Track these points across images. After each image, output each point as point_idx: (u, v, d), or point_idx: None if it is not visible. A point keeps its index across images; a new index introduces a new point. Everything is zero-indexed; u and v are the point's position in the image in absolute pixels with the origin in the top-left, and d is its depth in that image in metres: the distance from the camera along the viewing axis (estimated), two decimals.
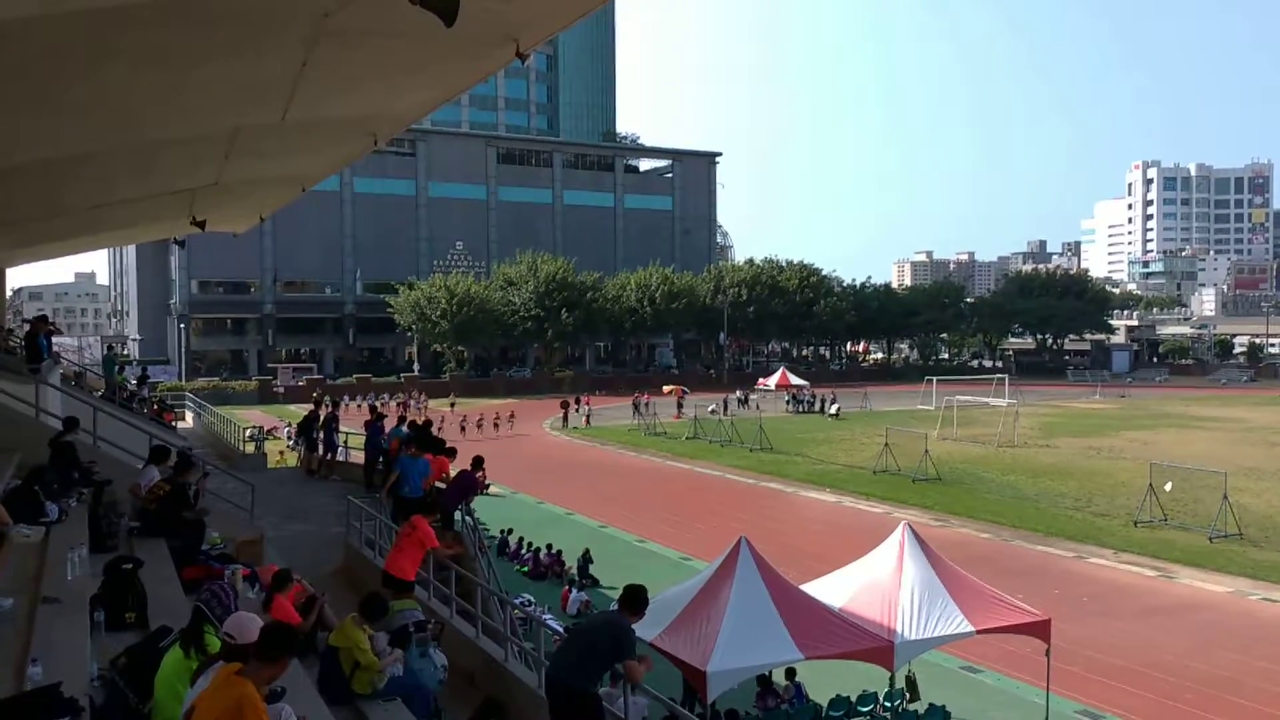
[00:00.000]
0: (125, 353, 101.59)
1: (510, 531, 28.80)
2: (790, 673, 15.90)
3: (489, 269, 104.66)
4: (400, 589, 11.56)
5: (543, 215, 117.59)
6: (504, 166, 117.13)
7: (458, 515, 16.09)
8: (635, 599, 8.10)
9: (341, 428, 27.92)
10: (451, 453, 17.14)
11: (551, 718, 8.00)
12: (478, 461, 16.32)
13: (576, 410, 65.33)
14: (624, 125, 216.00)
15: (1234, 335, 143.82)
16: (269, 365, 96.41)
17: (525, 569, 26.57)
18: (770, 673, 15.77)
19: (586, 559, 26.09)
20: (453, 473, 16.70)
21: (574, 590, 23.19)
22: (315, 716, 7.32)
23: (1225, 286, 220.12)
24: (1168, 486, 33.46)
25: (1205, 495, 32.59)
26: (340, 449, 27.15)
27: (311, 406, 27.63)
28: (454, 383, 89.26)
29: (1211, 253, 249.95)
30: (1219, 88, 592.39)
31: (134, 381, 36.07)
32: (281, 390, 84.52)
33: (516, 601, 17.74)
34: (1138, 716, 16.73)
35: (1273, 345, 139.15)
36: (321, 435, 25.85)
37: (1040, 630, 15.03)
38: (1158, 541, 29.68)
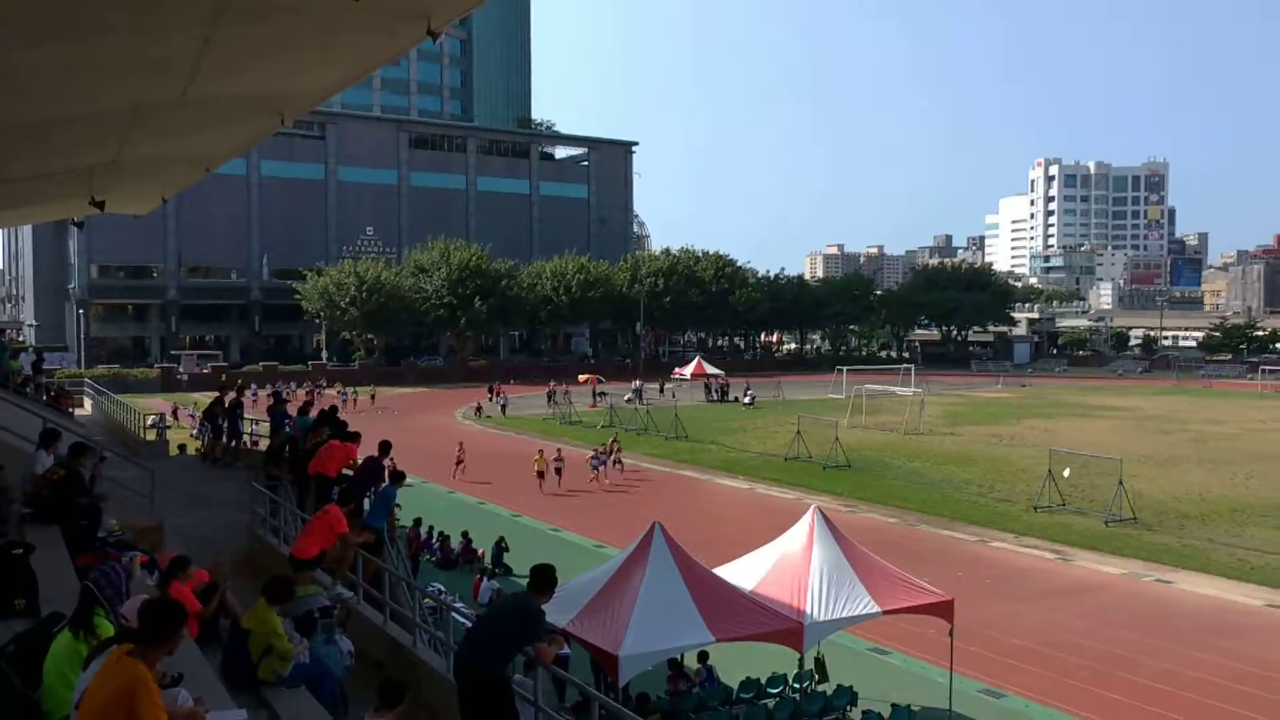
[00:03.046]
0: (20, 339, 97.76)
1: (420, 521, 28.49)
2: (702, 656, 16.02)
3: (400, 255, 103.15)
4: (304, 568, 11.34)
5: (456, 201, 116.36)
6: (416, 151, 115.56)
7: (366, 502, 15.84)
8: (543, 579, 8.06)
9: (247, 414, 27.28)
10: (356, 437, 16.88)
11: (460, 703, 7.92)
12: (385, 447, 16.10)
13: (491, 400, 64.85)
14: (540, 112, 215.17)
15: (1130, 328, 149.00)
16: (172, 352, 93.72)
17: (434, 558, 26.31)
18: (682, 656, 15.89)
19: (502, 547, 25.94)
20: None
21: (485, 579, 23.03)
22: (217, 703, 7.14)
23: (1122, 281, 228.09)
24: (1066, 473, 34.54)
25: (1101, 481, 33.70)
26: (246, 436, 26.55)
27: (217, 393, 26.94)
28: (364, 371, 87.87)
29: (1109, 248, 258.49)
30: (1119, 88, 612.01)
31: (28, 368, 34.71)
32: (185, 378, 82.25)
33: (428, 589, 17.56)
34: (1036, 694, 17.24)
35: (1166, 338, 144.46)
36: (226, 422, 25.23)
37: (944, 611, 15.40)
38: (1056, 526, 30.62)
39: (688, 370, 76.05)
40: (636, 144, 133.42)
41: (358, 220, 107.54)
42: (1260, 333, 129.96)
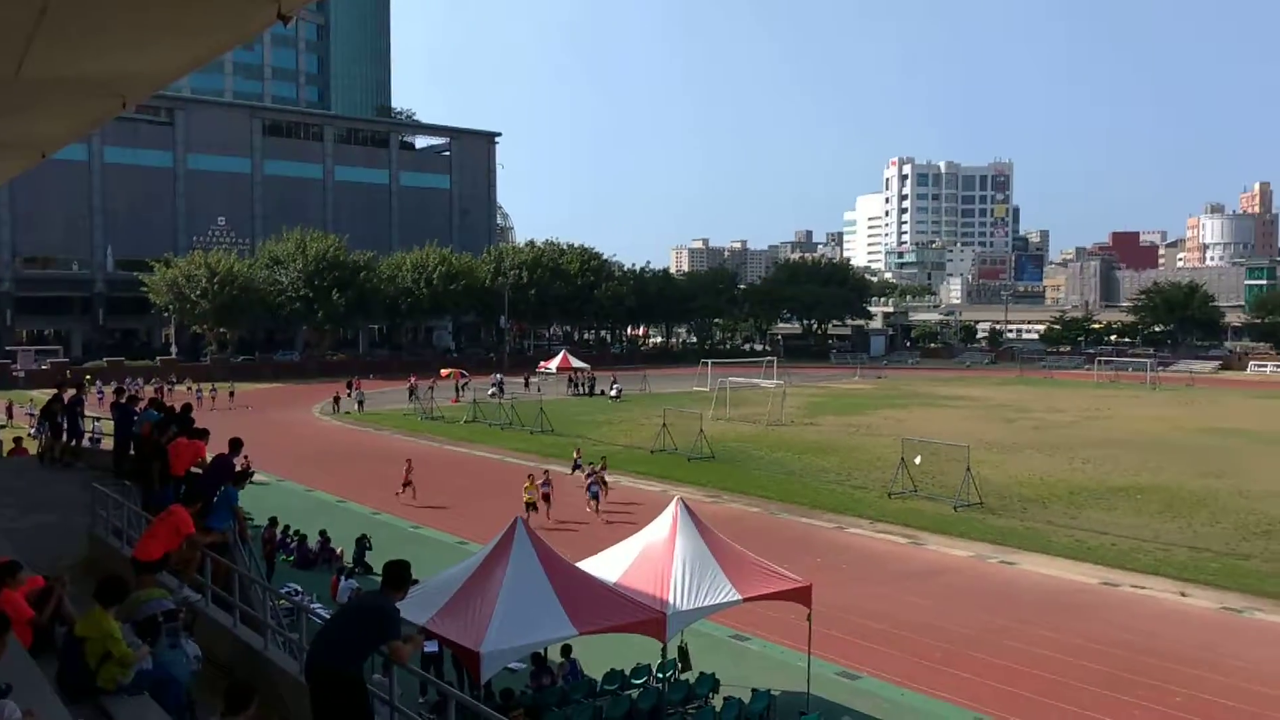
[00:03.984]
0: None
1: (276, 521, 27.61)
2: (565, 650, 16.00)
3: (254, 246, 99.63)
4: (147, 570, 10.84)
5: (312, 191, 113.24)
6: (270, 139, 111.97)
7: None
8: (397, 576, 7.89)
9: (89, 412, 25.93)
10: (204, 435, 16.24)
11: (312, 705, 7.69)
12: (235, 444, 15.53)
13: (349, 395, 63.39)
14: (401, 101, 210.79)
15: (977, 321, 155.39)
16: (7, 348, 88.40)
17: (291, 559, 25.56)
18: (545, 651, 15.83)
19: (364, 545, 25.35)
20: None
21: (344, 578, 22.47)
22: (51, 714, 6.74)
23: (970, 276, 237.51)
24: (917, 460, 35.82)
25: (951, 468, 35.03)
26: (89, 435, 25.23)
27: (55, 389, 25.51)
28: (216, 366, 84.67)
29: (958, 245, 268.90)
30: (969, 90, 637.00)
31: None
32: (21, 374, 77.76)
33: (282, 591, 17.02)
34: (891, 674, 17.82)
35: (1011, 330, 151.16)
36: (66, 420, 23.91)
37: (803, 596, 15.75)
38: (909, 511, 31.72)
39: (553, 364, 75.85)
40: (499, 135, 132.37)
41: (209, 210, 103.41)
42: (1096, 325, 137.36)
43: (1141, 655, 18.87)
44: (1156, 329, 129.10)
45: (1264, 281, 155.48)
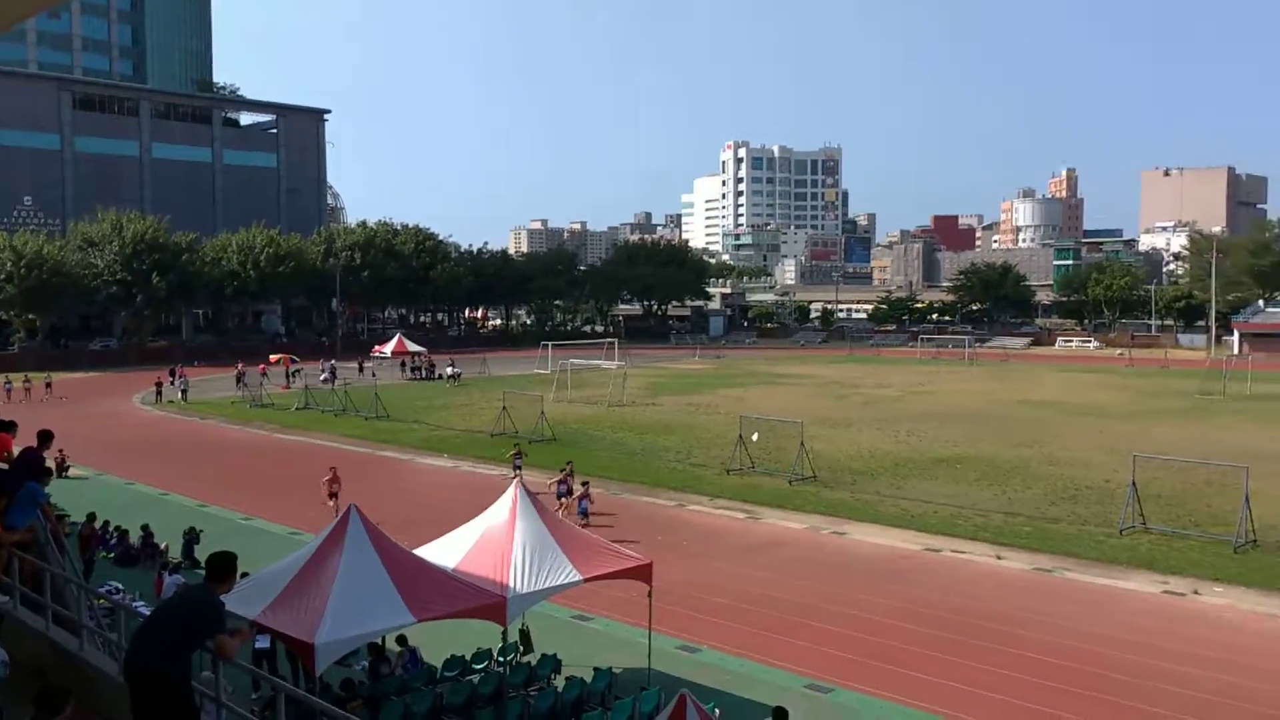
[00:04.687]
0: None
1: (94, 516, 26.14)
2: (402, 639, 15.73)
3: (64, 227, 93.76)
4: None
5: (128, 169, 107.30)
6: (81, 114, 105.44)
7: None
8: (221, 567, 7.54)
9: None
10: (11, 427, 15.18)
11: (133, 706, 7.28)
12: (44, 437, 14.56)
13: (172, 383, 60.51)
14: (225, 76, 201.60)
15: (811, 301, 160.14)
16: None
17: (111, 555, 24.25)
18: (383, 640, 15.52)
19: (193, 538, 24.22)
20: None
21: (169, 574, 21.45)
22: None
23: (803, 258, 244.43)
24: (754, 437, 36.70)
25: (786, 443, 36.02)
26: None
27: None
28: (25, 356, 79.45)
29: (792, 227, 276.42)
30: (801, 76, 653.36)
31: None
32: None
33: (101, 590, 16.12)
34: (731, 646, 18.21)
35: (842, 310, 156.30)
36: None
37: (643, 574, 15.91)
38: (747, 487, 32.47)
39: (388, 348, 74.29)
40: (329, 112, 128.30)
41: (13, 189, 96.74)
42: (920, 305, 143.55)
43: (963, 616, 19.87)
44: (974, 307, 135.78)
45: (1070, 262, 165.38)
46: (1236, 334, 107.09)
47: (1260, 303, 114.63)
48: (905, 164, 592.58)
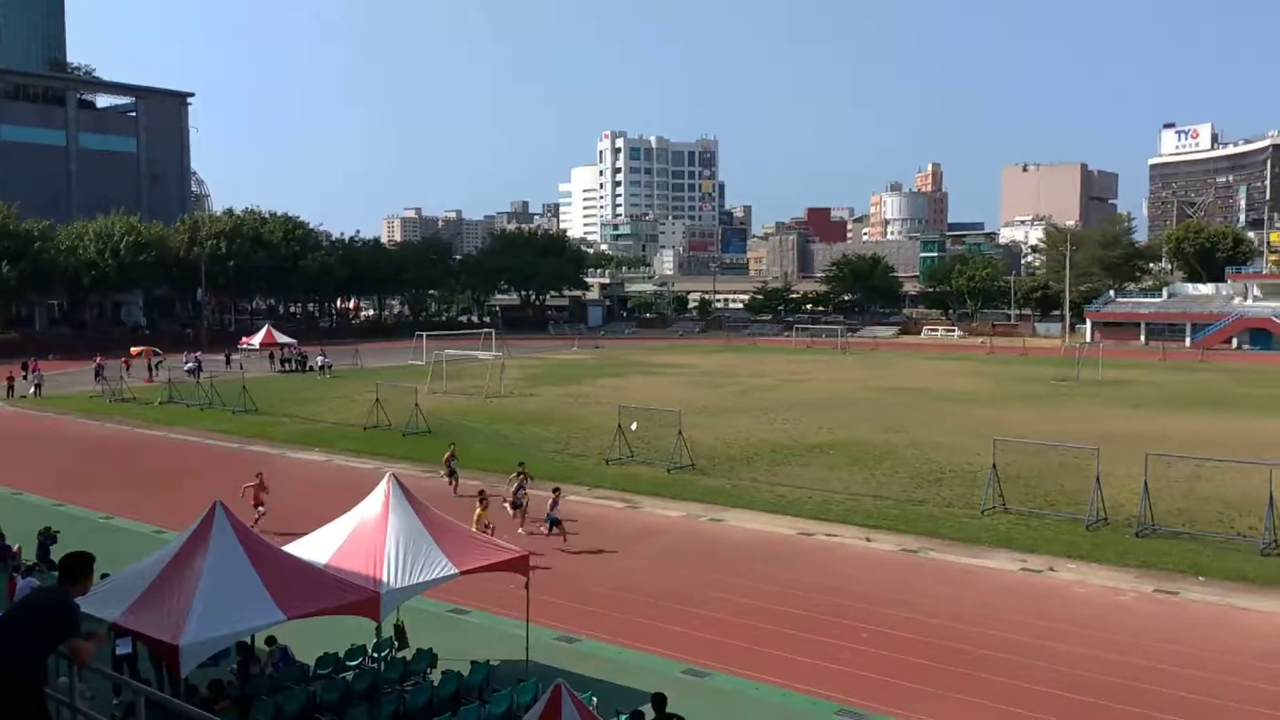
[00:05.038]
0: None
1: None
2: (270, 640, 15.33)
3: None
4: None
5: None
6: None
7: None
8: (75, 568, 7.21)
9: None
10: None
11: None
12: None
13: (25, 378, 57.53)
14: (79, 56, 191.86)
15: (689, 291, 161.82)
16: None
17: None
18: (252, 640, 15.11)
19: (48, 539, 23.03)
20: None
21: (23, 577, 20.39)
22: None
23: (681, 248, 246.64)
24: (633, 426, 36.91)
25: (664, 432, 36.34)
26: None
27: None
28: None
29: (670, 218, 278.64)
30: (678, 67, 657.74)
31: None
32: None
33: None
34: (609, 635, 18.30)
35: (719, 301, 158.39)
36: None
37: (520, 566, 15.84)
38: (626, 476, 32.65)
39: (256, 339, 72.17)
40: (192, 96, 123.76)
41: None
42: (794, 295, 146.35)
43: (835, 597, 20.40)
44: (846, 298, 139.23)
45: (936, 254, 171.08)
46: (1089, 323, 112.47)
47: (1110, 293, 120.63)
48: (780, 157, 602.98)
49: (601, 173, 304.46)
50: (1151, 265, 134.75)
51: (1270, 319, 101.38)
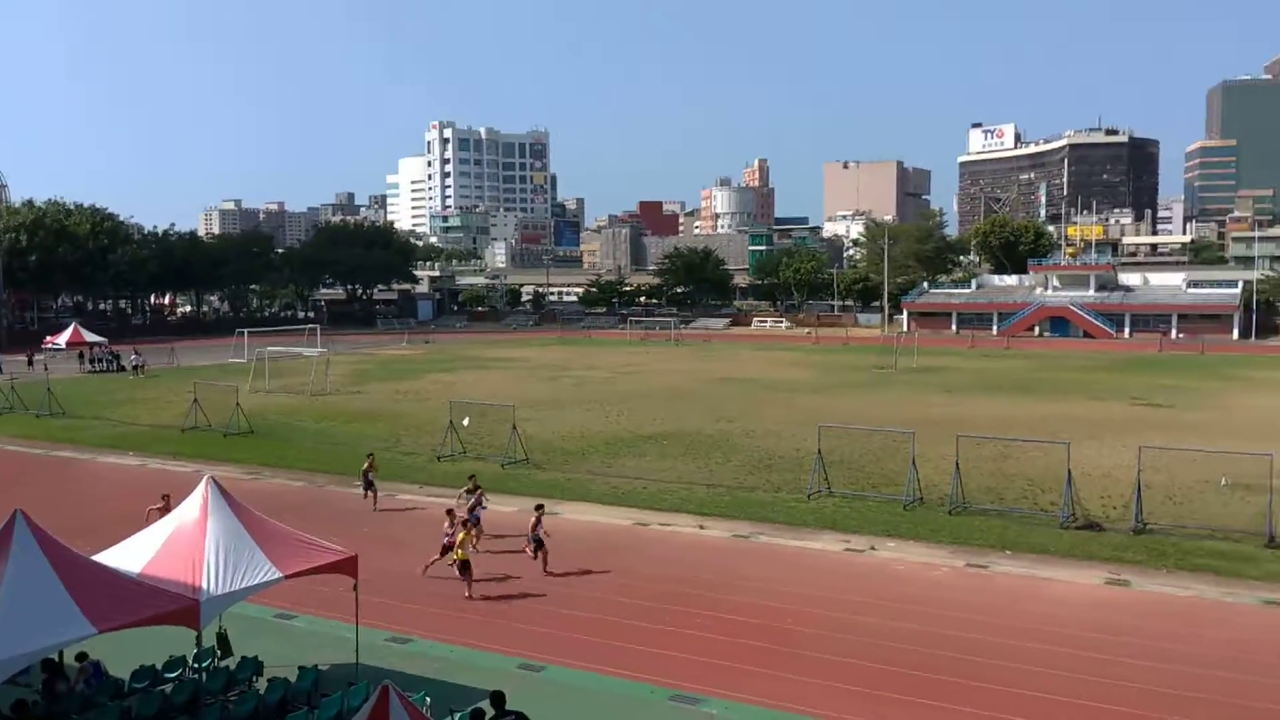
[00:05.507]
0: None
1: None
2: (81, 655, 14.47)
3: None
4: None
5: None
6: None
7: None
8: None
9: None
10: None
11: None
12: None
13: None
14: None
15: (522, 284, 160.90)
16: None
17: None
18: (60, 656, 14.25)
19: None
20: None
21: None
22: None
23: (513, 241, 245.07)
24: (465, 422, 36.51)
25: (498, 427, 36.10)
26: None
27: None
28: None
29: (501, 210, 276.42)
30: (507, 57, 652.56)
31: None
32: None
33: None
34: (443, 633, 18.04)
35: (553, 294, 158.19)
36: None
37: (348, 568, 15.44)
38: (458, 473, 32.09)
39: (63, 338, 68.03)
40: None
41: None
42: (628, 288, 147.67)
43: (671, 585, 20.71)
44: (679, 290, 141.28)
45: (764, 247, 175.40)
46: (906, 313, 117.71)
47: (925, 285, 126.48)
48: (613, 150, 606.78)
49: (430, 164, 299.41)
50: (962, 258, 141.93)
51: (1068, 308, 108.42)
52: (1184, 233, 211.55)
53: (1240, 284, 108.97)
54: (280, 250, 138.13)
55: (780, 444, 36.65)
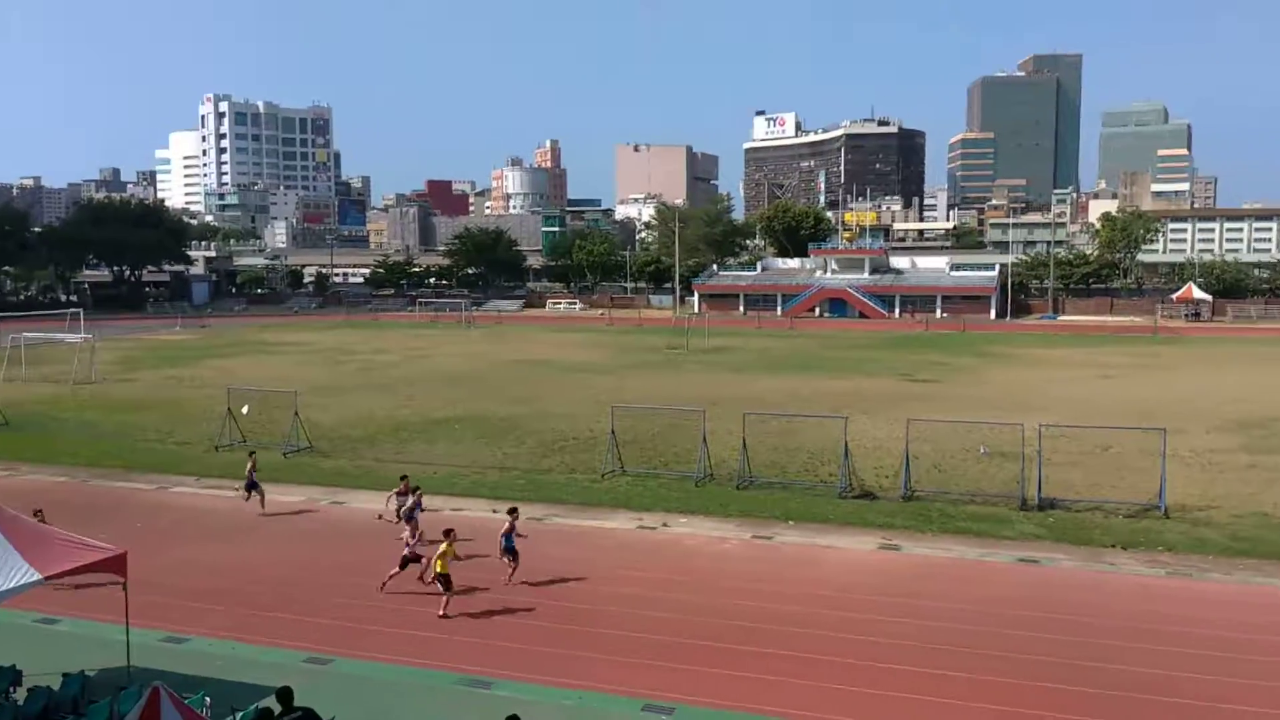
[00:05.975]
0: None
1: None
2: None
3: None
4: None
5: None
6: None
7: None
8: None
9: None
10: None
11: None
12: None
13: None
14: None
15: (304, 265, 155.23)
16: None
17: None
18: None
19: None
20: None
21: None
22: None
23: (295, 220, 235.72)
24: (245, 410, 34.93)
25: (281, 414, 34.72)
26: None
27: None
28: None
29: (282, 188, 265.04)
30: (287, 26, 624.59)
31: None
32: None
33: None
34: (223, 631, 17.19)
35: (338, 275, 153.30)
36: None
37: (116, 566, 14.48)
38: (237, 463, 30.71)
39: None
40: None
41: None
42: (417, 269, 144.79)
43: (462, 570, 20.42)
44: (470, 272, 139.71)
45: (557, 229, 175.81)
46: (696, 295, 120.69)
47: (714, 267, 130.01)
48: (400, 127, 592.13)
49: (204, 138, 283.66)
50: (748, 242, 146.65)
51: (845, 290, 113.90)
52: (948, 219, 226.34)
53: (997, 267, 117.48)
54: (37, 229, 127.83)
55: (574, 425, 36.87)
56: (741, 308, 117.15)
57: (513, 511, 20.24)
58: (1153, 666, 15.60)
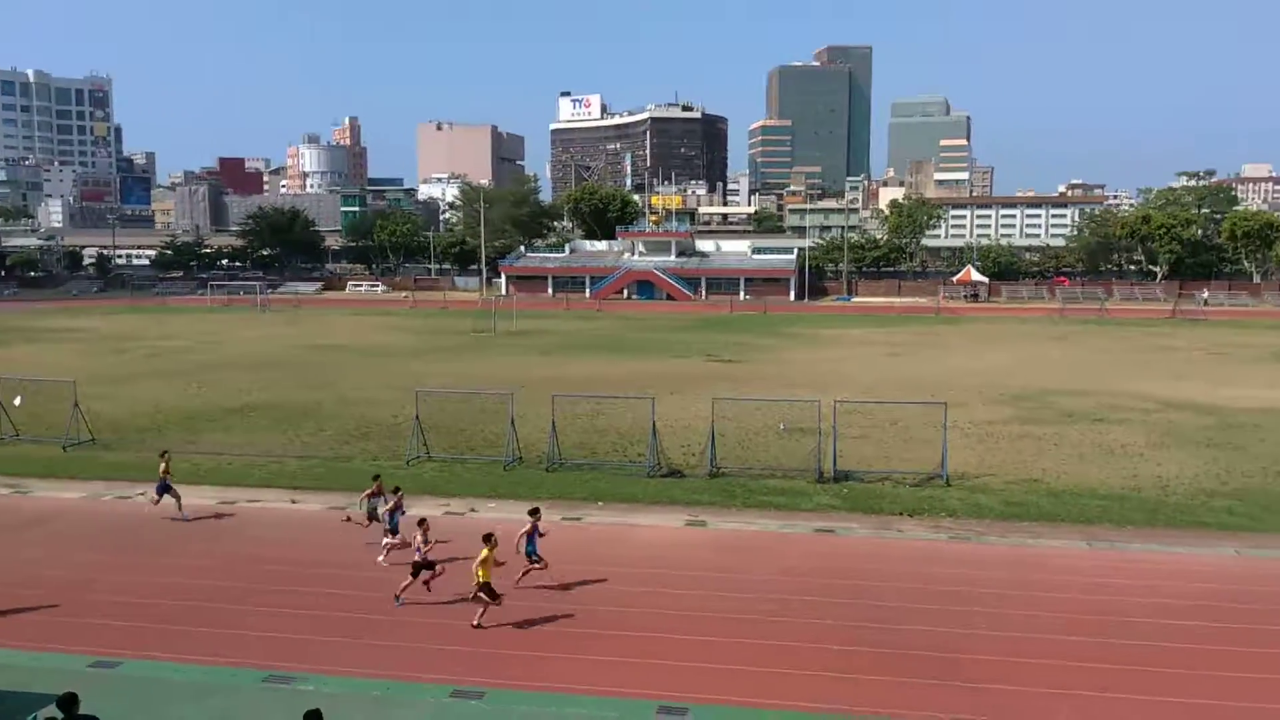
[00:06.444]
0: None
1: None
2: None
3: None
4: None
5: None
6: None
7: None
8: None
9: None
10: None
11: None
12: None
13: None
14: None
15: (83, 246, 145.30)
16: None
17: None
18: None
19: None
20: None
21: None
22: None
23: (72, 198, 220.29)
24: (17, 401, 32.65)
25: (58, 406, 32.50)
26: None
27: None
28: None
29: (56, 164, 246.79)
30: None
31: None
32: None
33: None
34: (17, 641, 16.01)
35: (121, 256, 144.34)
36: None
37: None
38: (13, 458, 28.72)
39: None
40: None
41: None
42: (208, 250, 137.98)
43: (258, 565, 19.70)
44: (265, 253, 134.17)
45: (357, 209, 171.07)
46: (504, 277, 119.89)
47: (522, 249, 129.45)
48: (187, 101, 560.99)
49: None
50: (556, 223, 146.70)
51: (652, 271, 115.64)
52: (749, 204, 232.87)
53: (795, 251, 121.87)
54: None
55: (377, 411, 36.04)
56: (550, 290, 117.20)
57: (534, 512, 19.12)
58: (937, 625, 16.63)
